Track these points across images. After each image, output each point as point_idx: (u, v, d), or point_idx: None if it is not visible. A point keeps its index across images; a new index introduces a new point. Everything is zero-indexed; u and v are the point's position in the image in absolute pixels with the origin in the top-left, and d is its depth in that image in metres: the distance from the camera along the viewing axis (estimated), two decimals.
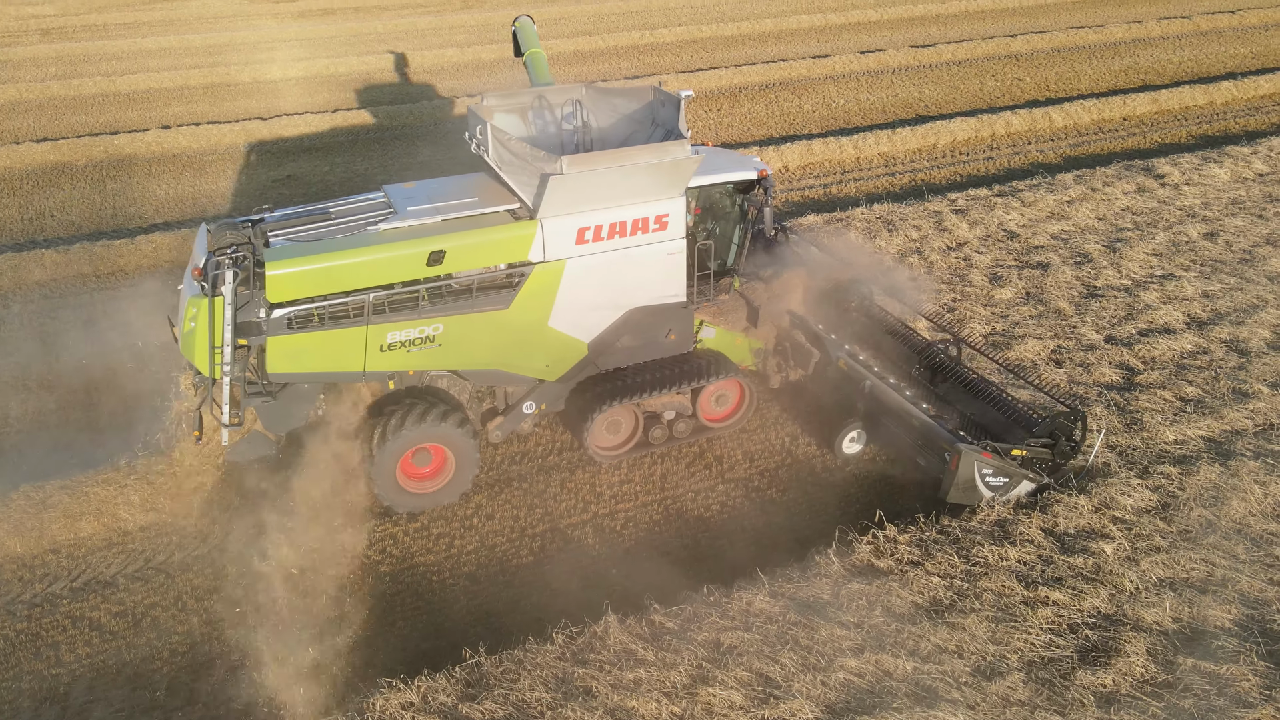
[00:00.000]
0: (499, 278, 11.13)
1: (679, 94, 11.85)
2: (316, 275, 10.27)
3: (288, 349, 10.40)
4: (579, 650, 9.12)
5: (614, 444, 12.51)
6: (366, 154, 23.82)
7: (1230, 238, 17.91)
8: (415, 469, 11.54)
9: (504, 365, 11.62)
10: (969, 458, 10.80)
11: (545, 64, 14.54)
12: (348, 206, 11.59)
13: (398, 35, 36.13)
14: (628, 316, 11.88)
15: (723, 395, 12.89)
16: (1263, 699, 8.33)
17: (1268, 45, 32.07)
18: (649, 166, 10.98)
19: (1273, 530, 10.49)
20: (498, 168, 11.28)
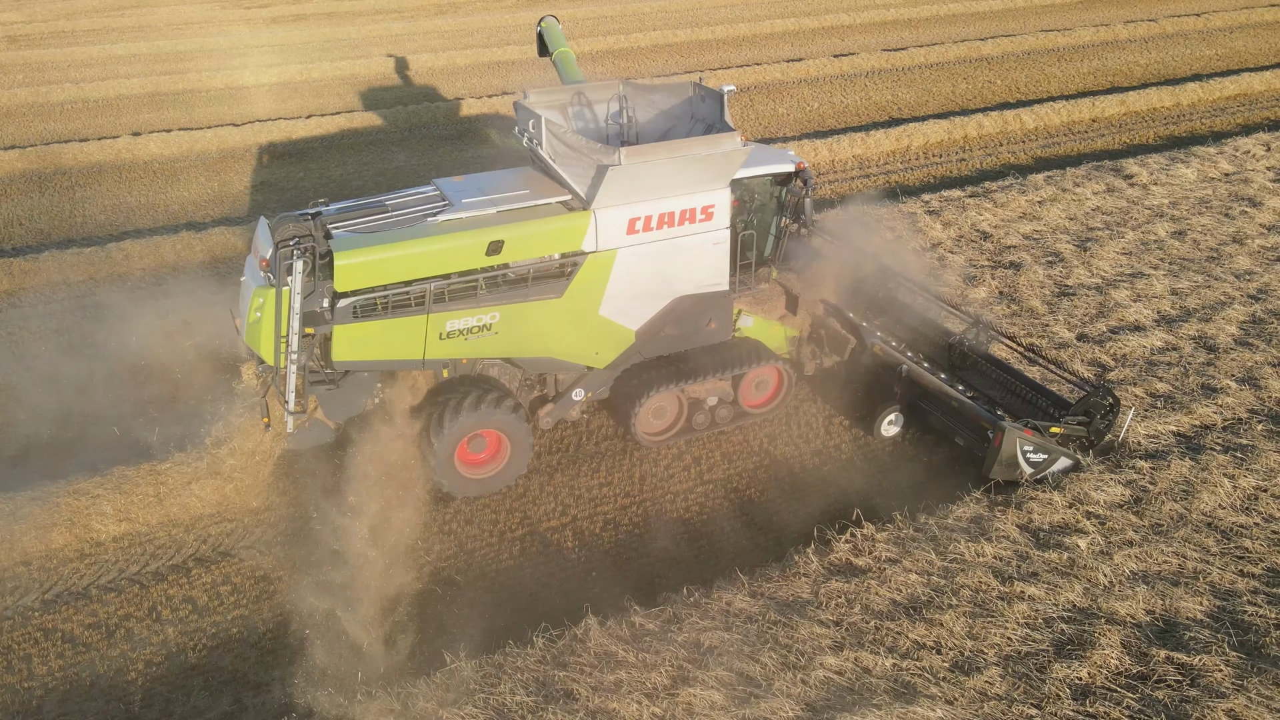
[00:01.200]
0: (553, 267, 11.44)
1: (722, 89, 12.29)
2: (382, 265, 10.59)
3: (353, 337, 10.70)
4: (559, 653, 9.10)
5: (659, 429, 12.87)
6: (342, 159, 23.70)
7: (1198, 236, 18.21)
8: (471, 455, 11.80)
9: (556, 353, 11.92)
10: (1011, 435, 11.20)
11: (574, 61, 14.84)
12: (402, 199, 11.84)
13: (371, 41, 36.00)
14: (673, 305, 12.22)
15: (762, 381, 13.28)
16: (1235, 689, 8.45)
17: (1232, 47, 32.65)
18: (701, 158, 11.28)
19: (1242, 523, 10.66)
20: (551, 160, 11.47)
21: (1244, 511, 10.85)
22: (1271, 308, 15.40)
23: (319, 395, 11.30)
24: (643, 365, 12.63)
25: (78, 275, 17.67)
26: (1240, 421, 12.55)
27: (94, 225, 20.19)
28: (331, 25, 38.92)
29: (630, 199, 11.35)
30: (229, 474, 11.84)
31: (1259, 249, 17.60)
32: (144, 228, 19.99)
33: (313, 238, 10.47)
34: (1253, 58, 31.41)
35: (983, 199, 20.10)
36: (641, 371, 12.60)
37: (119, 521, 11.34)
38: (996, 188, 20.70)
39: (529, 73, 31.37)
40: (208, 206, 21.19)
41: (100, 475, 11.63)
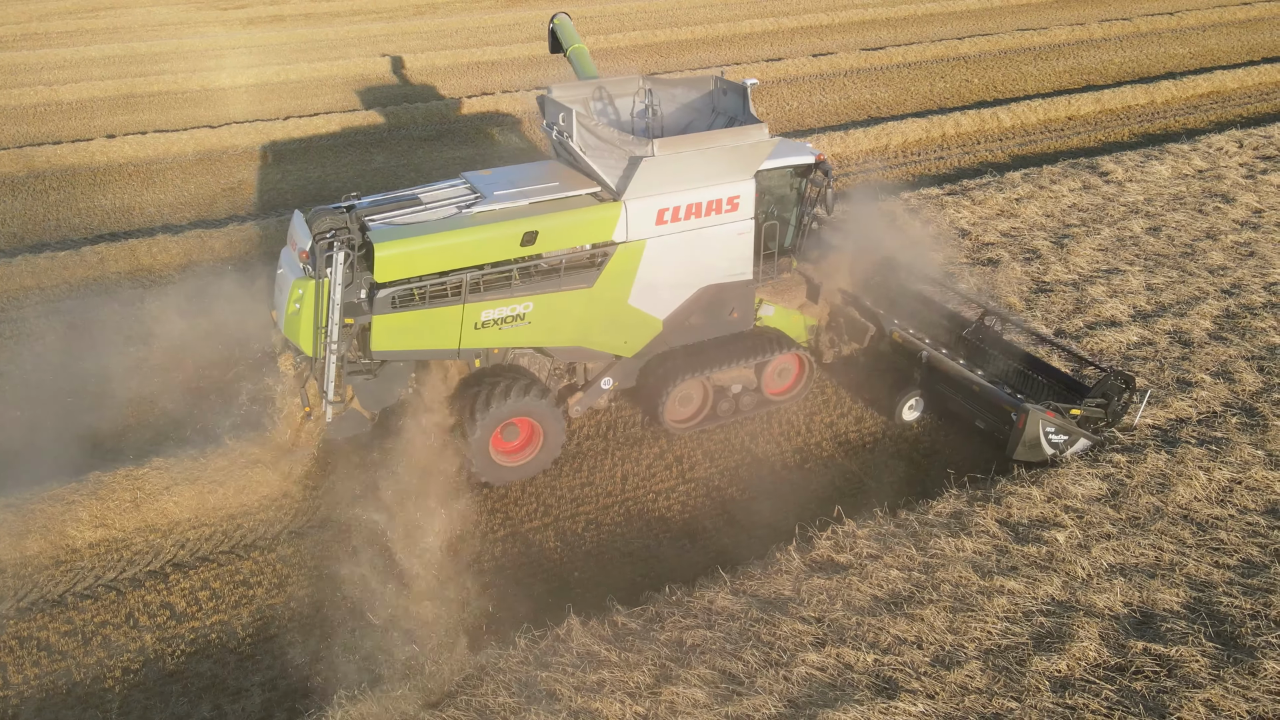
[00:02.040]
0: (584, 257, 11.68)
1: (745, 82, 12.58)
2: (421, 256, 10.82)
3: (391, 327, 10.88)
4: (542, 654, 9.08)
5: (685, 416, 13.10)
6: (320, 161, 23.55)
7: (1172, 232, 18.40)
8: (504, 443, 12.00)
9: (586, 342, 12.19)
10: (1035, 417, 11.52)
11: (589, 57, 14.99)
12: (434, 193, 12.07)
13: (349, 42, 35.81)
14: (699, 294, 12.52)
15: (784, 369, 13.53)
16: (1211, 679, 8.53)
17: (1204, 46, 33.03)
18: (730, 149, 11.61)
19: (1217, 515, 10.78)
20: (581, 152, 11.64)
21: (1219, 504, 10.97)
22: (1244, 302, 15.59)
23: (356, 385, 11.46)
24: (668, 354, 12.89)
25: (51, 280, 17.47)
26: (1215, 415, 12.69)
27: (68, 229, 19.97)
28: (309, 26, 38.67)
29: (660, 190, 11.63)
30: (211, 478, 11.75)
31: (1232, 244, 17.81)
32: (119, 231, 19.78)
33: (348, 230, 10.62)
34: (1225, 55, 31.78)
35: (961, 197, 20.23)
36: (667, 360, 12.85)
37: (95, 528, 11.22)
38: (974, 185, 20.84)
39: (509, 73, 31.33)
40: (184, 209, 20.99)
41: (76, 481, 11.51)
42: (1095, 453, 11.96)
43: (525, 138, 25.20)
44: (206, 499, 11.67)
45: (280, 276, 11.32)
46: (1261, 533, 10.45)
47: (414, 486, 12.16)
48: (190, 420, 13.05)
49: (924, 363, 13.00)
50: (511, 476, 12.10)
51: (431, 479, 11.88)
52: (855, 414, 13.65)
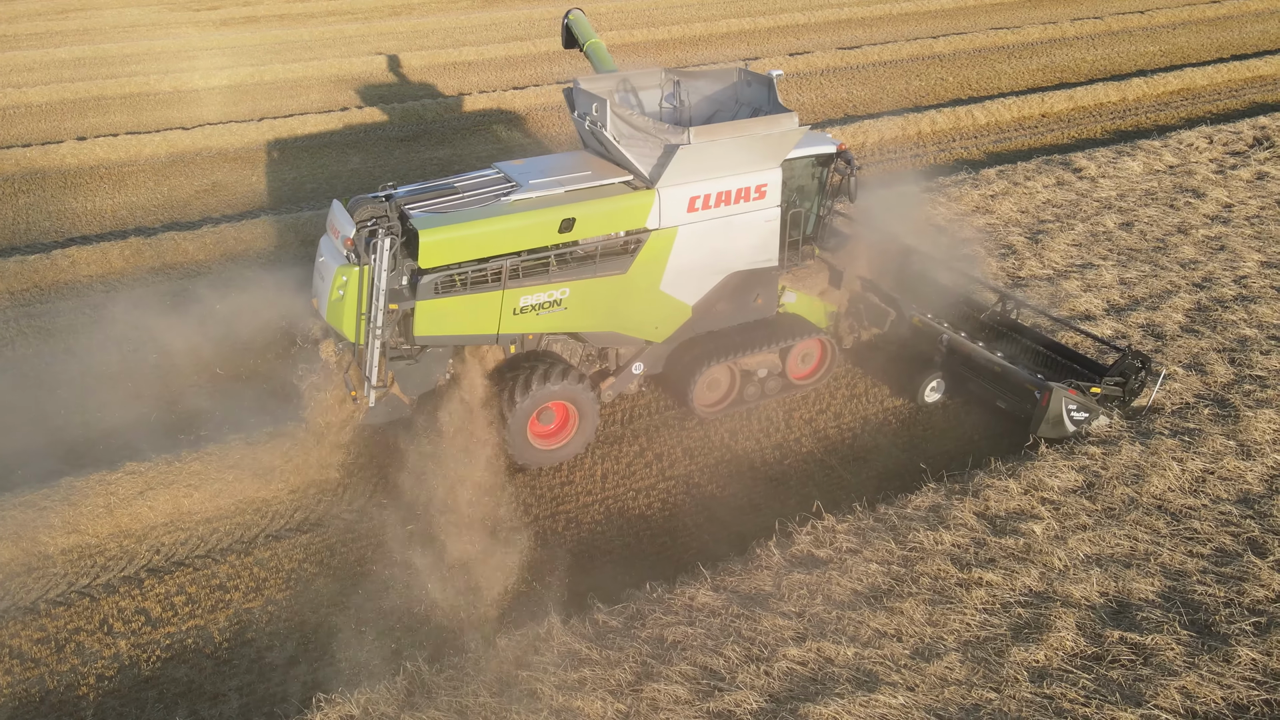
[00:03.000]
0: (618, 244, 11.93)
1: (770, 74, 12.92)
2: (464, 242, 11.04)
3: (434, 312, 11.07)
4: (522, 653, 9.04)
5: (713, 401, 13.34)
6: (295, 162, 23.37)
7: (1144, 227, 18.61)
8: (540, 427, 12.19)
9: (619, 327, 12.45)
10: (1058, 395, 11.92)
11: (606, 51, 15.18)
12: (470, 181, 12.26)
13: (324, 43, 35.54)
14: (727, 280, 12.79)
15: (807, 354, 13.82)
16: (1186, 667, 8.63)
17: (1174, 44, 33.44)
18: (762, 138, 11.89)
19: (1190, 505, 10.91)
20: (615, 141, 11.85)
21: (1192, 494, 11.11)
22: (1215, 295, 15.79)
23: (397, 371, 11.61)
24: (694, 340, 13.10)
25: (21, 284, 17.22)
26: (1187, 406, 12.84)
27: (38, 232, 19.69)
28: (283, 27, 38.33)
29: (692, 178, 11.89)
30: (187, 482, 11.63)
31: (1203, 239, 18.03)
32: (91, 234, 19.53)
33: (388, 218, 10.76)
34: (1194, 53, 32.18)
35: (937, 194, 20.35)
36: (695, 346, 13.05)
37: (68, 534, 11.06)
38: (950, 182, 20.97)
39: (487, 73, 31.22)
40: (157, 211, 20.75)
41: (48, 487, 11.34)
42: (1073, 443, 12.07)
43: (502, 138, 25.12)
44: (181, 503, 11.54)
45: (321, 264, 11.45)
46: (1234, 522, 10.58)
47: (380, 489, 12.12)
48: (169, 425, 12.90)
49: (945, 346, 13.33)
50: (546, 460, 12.32)
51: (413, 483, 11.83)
52: (834, 410, 13.71)
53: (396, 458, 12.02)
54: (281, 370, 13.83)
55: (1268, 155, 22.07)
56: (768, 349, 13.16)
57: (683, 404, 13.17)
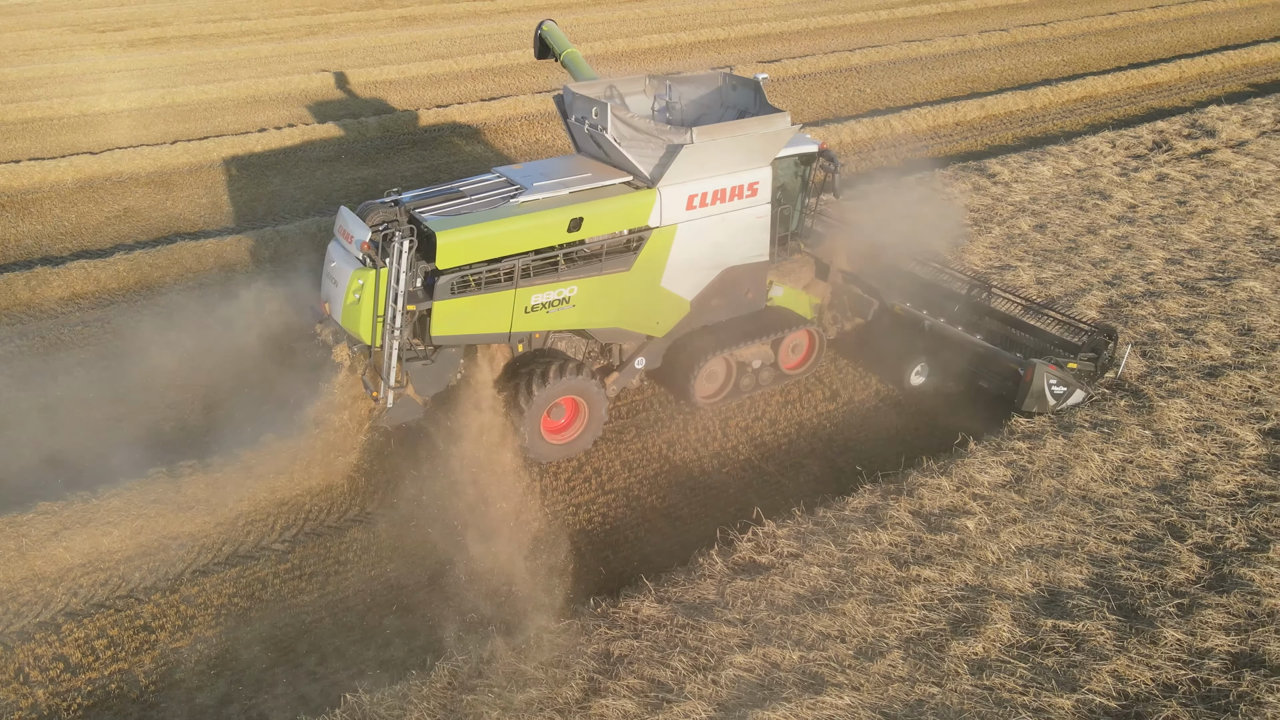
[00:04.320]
0: (621, 242, 12.35)
1: (756, 77, 13.58)
2: (479, 243, 11.35)
3: (450, 312, 11.35)
4: (466, 677, 8.87)
5: (711, 392, 13.85)
6: (212, 186, 22.71)
7: (1056, 229, 19.32)
8: (551, 422, 12.56)
9: (623, 323, 12.84)
10: (1040, 370, 12.72)
11: (583, 60, 15.53)
12: (476, 185, 12.60)
13: (238, 63, 34.71)
14: (722, 275, 13.29)
15: (797, 344, 14.41)
16: (1116, 650, 8.91)
17: (1076, 54, 34.92)
18: (759, 136, 12.45)
19: (1112, 493, 11.30)
20: (616, 142, 12.27)
21: (1113, 483, 11.51)
22: (1125, 292, 16.45)
23: (411, 372, 11.77)
24: (690, 335, 13.53)
25: None
26: (1104, 397, 13.33)
27: None
28: (195, 48, 37.30)
29: (691, 177, 12.36)
30: (105, 520, 11.13)
31: (1111, 238, 18.80)
32: None
33: (400, 222, 11.02)
34: (1095, 62, 33.66)
35: (859, 201, 20.76)
36: (692, 340, 13.50)
37: None
38: (872, 190, 21.44)
39: (409, 91, 30.86)
40: (64, 240, 19.92)
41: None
42: (1000, 439, 12.40)
43: (427, 157, 24.83)
44: (100, 542, 11.03)
45: (333, 269, 11.60)
46: (1153, 508, 11.00)
47: (325, 516, 11.82)
48: (83, 462, 12.35)
49: (928, 331, 13.96)
50: (557, 455, 12.66)
51: (347, 507, 11.54)
52: (769, 416, 13.85)
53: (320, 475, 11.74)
54: (200, 403, 13.41)
55: (1166, 158, 23.18)
56: (761, 341, 13.66)
57: (683, 397, 13.73)
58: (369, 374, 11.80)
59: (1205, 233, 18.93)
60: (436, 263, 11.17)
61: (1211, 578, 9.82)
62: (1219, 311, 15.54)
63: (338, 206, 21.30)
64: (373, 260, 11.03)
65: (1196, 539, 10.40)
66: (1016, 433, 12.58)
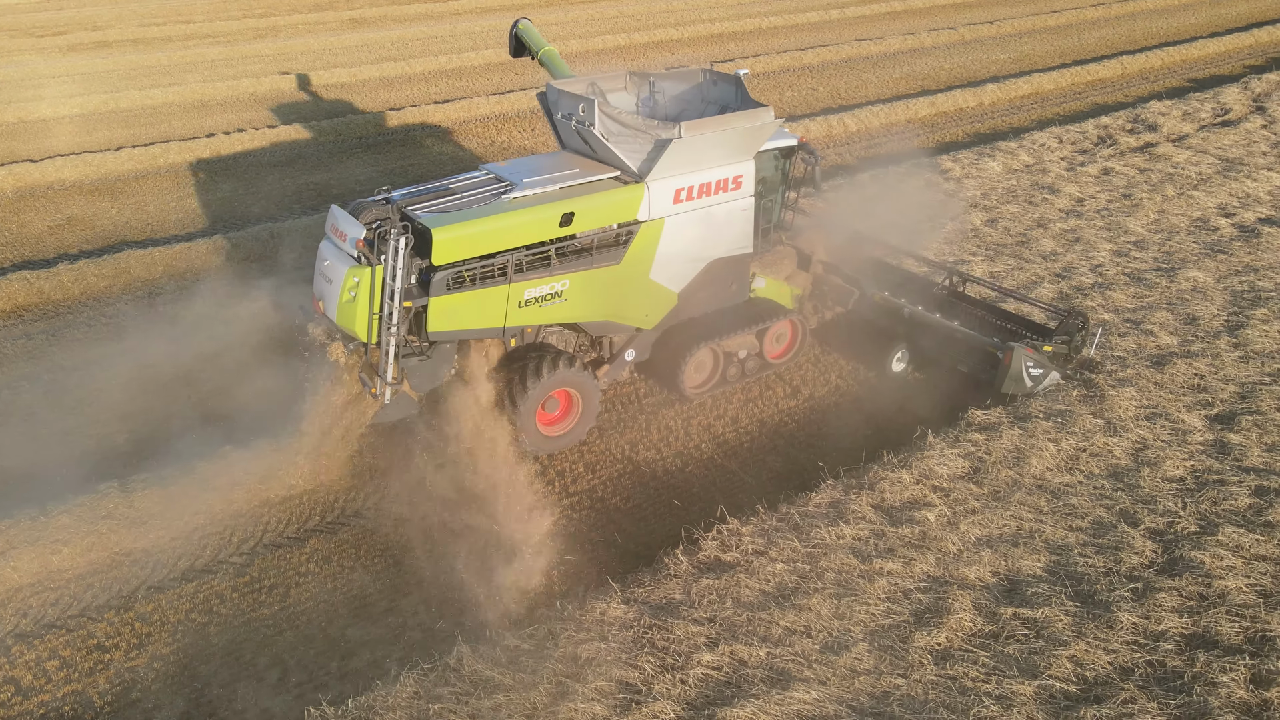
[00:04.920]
0: (611, 236, 12.52)
1: (737, 73, 13.86)
2: (474, 239, 11.44)
3: (446, 308, 11.42)
4: (432, 685, 8.76)
5: (699, 382, 14.08)
6: (158, 193, 22.22)
7: (1007, 223, 19.67)
8: (545, 415, 12.70)
9: (614, 316, 12.97)
10: (1018, 353, 13.19)
11: (560, 57, 15.56)
12: (466, 182, 12.66)
13: (184, 68, 33.98)
14: (708, 268, 13.51)
15: (780, 334, 14.73)
16: (1075, 635, 9.08)
17: (1022, 51, 35.60)
18: (743, 130, 12.72)
19: (1067, 482, 11.53)
20: (604, 138, 12.36)
21: (1068, 471, 11.74)
22: (1075, 284, 16.81)
23: (407, 368, 11.77)
24: (677, 327, 13.76)
25: None
26: (1058, 389, 13.59)
27: None
28: (138, 52, 36.45)
29: (678, 171, 12.56)
30: (54, 538, 10.82)
31: (1060, 231, 19.20)
32: None
33: (392, 220, 11.04)
34: (1041, 60, 34.33)
35: (815, 199, 20.92)
36: (679, 332, 13.73)
37: None
38: (828, 187, 21.64)
39: (361, 94, 30.48)
40: (5, 250, 19.35)
41: None
42: (958, 432, 12.58)
43: (382, 161, 24.55)
44: (49, 560, 10.72)
45: (327, 268, 11.55)
46: (1107, 495, 11.24)
47: (284, 527, 11.63)
48: None
49: (908, 318, 14.36)
50: (553, 447, 12.85)
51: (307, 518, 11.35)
52: (731, 415, 13.91)
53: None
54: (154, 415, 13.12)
55: (1111, 152, 23.73)
56: (747, 331, 13.95)
57: (672, 387, 13.94)
58: (365, 371, 11.84)
59: (1150, 225, 19.41)
60: (432, 259, 11.22)
61: (1164, 562, 10.06)
62: (1165, 301, 15.94)
63: (291, 213, 21.04)
64: (367, 258, 11.05)
65: (1149, 524, 10.65)
66: (974, 425, 12.77)
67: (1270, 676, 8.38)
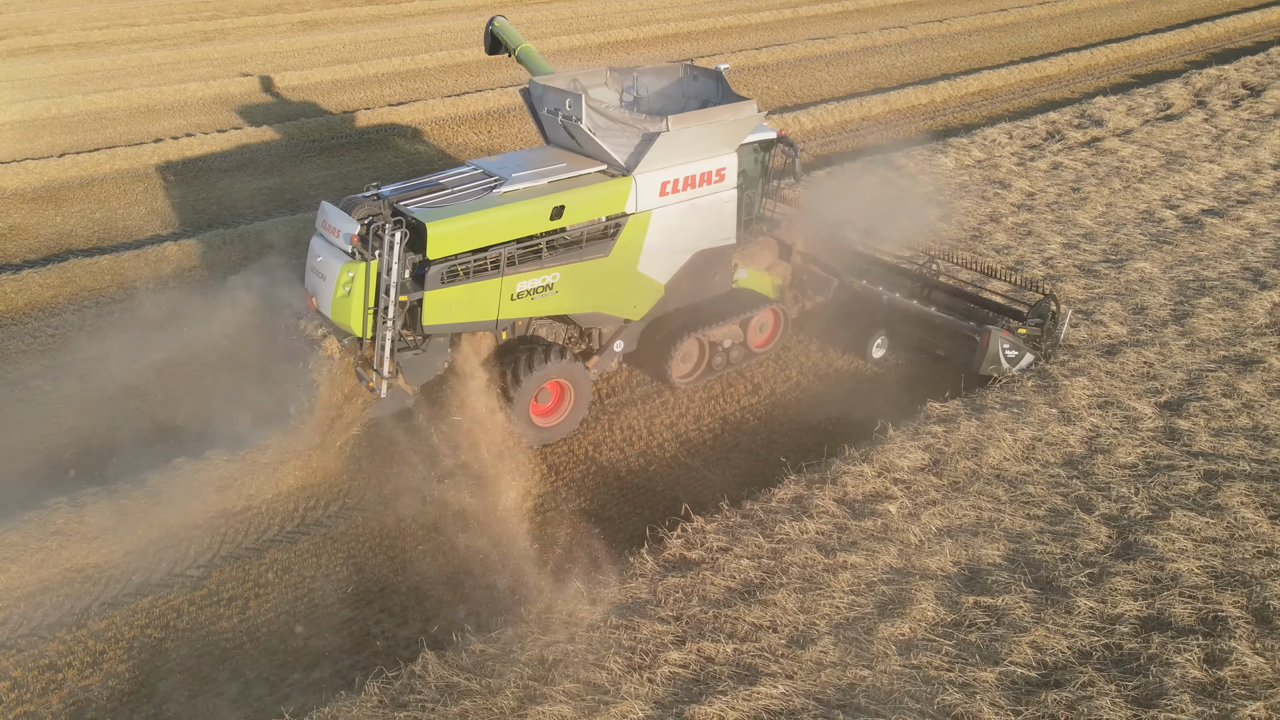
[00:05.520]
0: (600, 229, 12.66)
1: (718, 67, 14.13)
2: (468, 232, 11.55)
3: (441, 302, 11.52)
4: (397, 693, 8.67)
5: (685, 372, 14.43)
6: (104, 200, 21.69)
7: (961, 218, 19.97)
8: (538, 406, 12.90)
9: (603, 307, 13.22)
10: (995, 335, 13.66)
11: (538, 54, 15.51)
12: (456, 177, 12.79)
13: (129, 72, 33.24)
14: (693, 259, 13.76)
15: (763, 323, 15.06)
16: (1034, 621, 9.24)
17: (971, 49, 36.19)
18: (728, 123, 12.95)
19: (1024, 471, 11.73)
20: (592, 133, 12.48)
21: (1024, 461, 11.94)
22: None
23: (402, 362, 11.79)
24: (664, 317, 14.04)
25: None
26: (1013, 380, 13.83)
27: None
28: (81, 56, 35.56)
29: (665, 164, 12.77)
30: (3, 555, 10.52)
31: (1012, 225, 19.54)
32: None
33: (384, 215, 11.15)
34: (990, 57, 34.91)
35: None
36: (667, 322, 14.03)
37: None
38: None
39: (314, 97, 30.06)
40: None
41: None
42: (917, 424, 12.73)
43: (337, 166, 24.23)
44: None
45: (320, 264, 11.57)
46: (1062, 483, 11.46)
47: (241, 538, 11.42)
48: None
49: (886, 305, 14.75)
50: (547, 438, 13.06)
51: (265, 528, 11.14)
52: (694, 413, 13.95)
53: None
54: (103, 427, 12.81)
55: (1059, 147, 24.20)
56: (731, 321, 14.18)
57: (660, 377, 14.25)
58: (361, 365, 11.93)
59: (1098, 218, 19.84)
60: (427, 253, 11.26)
61: (1118, 546, 10.28)
62: (1114, 292, 16.30)
63: (244, 218, 20.68)
64: (362, 253, 11.10)
65: (1103, 510, 10.87)
66: (932, 417, 12.94)
67: (1223, 656, 8.60)
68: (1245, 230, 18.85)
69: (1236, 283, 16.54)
